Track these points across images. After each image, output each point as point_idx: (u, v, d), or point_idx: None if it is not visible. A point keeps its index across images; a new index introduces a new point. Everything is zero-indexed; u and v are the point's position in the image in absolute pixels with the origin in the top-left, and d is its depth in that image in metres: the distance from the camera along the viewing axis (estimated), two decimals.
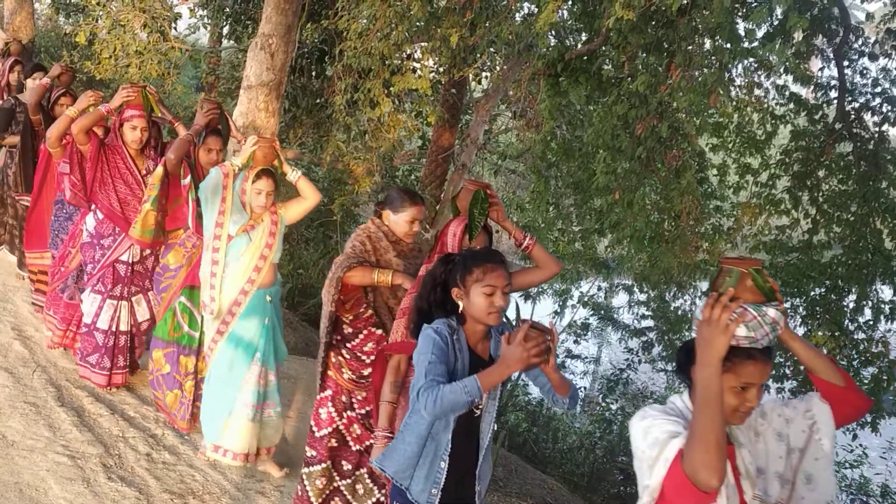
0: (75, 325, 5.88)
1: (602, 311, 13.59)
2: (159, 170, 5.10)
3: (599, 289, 14.16)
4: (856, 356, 8.43)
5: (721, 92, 6.90)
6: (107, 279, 5.44)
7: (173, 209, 5.30)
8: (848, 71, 8.67)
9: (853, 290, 8.57)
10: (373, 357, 4.10)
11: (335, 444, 4.26)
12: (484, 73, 11.08)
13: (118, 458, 4.77)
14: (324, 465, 4.24)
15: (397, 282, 3.95)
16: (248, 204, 4.62)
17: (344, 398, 4.26)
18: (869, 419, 8.37)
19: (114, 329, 5.49)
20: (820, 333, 8.10)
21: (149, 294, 5.63)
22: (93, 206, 5.45)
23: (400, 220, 4.04)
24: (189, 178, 5.02)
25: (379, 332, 4.18)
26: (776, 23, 7.62)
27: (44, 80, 6.71)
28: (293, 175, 4.68)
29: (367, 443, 4.22)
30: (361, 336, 4.20)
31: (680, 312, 11.84)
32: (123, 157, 5.42)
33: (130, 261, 5.51)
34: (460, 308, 2.97)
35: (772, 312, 2.33)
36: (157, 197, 5.12)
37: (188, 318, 5.12)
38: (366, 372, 4.19)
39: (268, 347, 4.79)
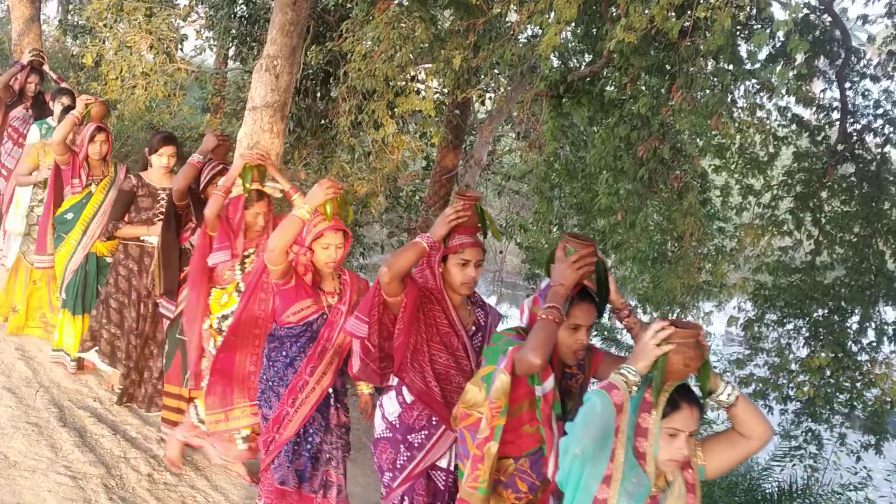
0: None
1: (605, 332, 13.54)
2: (503, 381, 3.07)
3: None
4: (859, 378, 8.42)
5: (723, 114, 6.94)
6: (417, 496, 3.67)
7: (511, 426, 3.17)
8: (850, 93, 8.71)
9: (856, 311, 8.58)
10: None
11: None
12: (487, 95, 11.15)
13: (120, 479, 4.77)
14: None
15: None
16: (652, 455, 2.68)
17: None
18: (873, 441, 8.35)
19: None
20: (823, 355, 8.10)
21: None
22: (392, 380, 3.74)
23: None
24: (551, 379, 3.17)
25: None
26: (778, 45, 7.68)
27: (194, 158, 5.10)
28: (730, 394, 2.72)
29: None
30: None
31: None
32: (446, 309, 3.64)
33: (450, 467, 3.70)
34: None
35: None
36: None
37: None
38: None
39: None
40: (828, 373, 8.19)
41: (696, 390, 2.74)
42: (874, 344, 8.50)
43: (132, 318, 5.69)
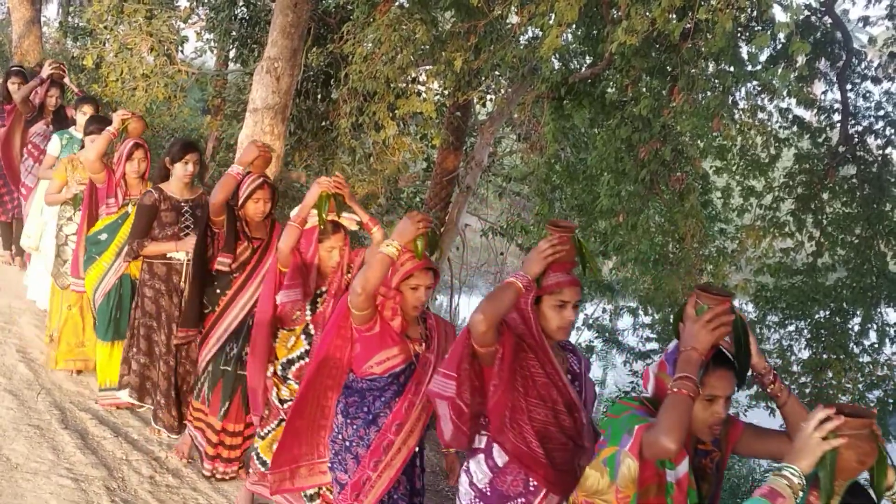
0: None
1: (607, 334, 13.55)
2: (631, 468, 2.60)
3: (604, 311, 14.13)
4: (861, 379, 8.43)
5: (724, 115, 6.95)
6: None
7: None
8: (851, 94, 8.73)
9: (858, 312, 8.59)
10: None
11: None
12: (488, 97, 11.15)
13: (122, 481, 4.76)
14: None
15: None
16: None
17: None
18: None
19: None
20: (825, 356, 8.10)
21: None
22: (479, 441, 3.22)
23: None
24: (686, 462, 2.60)
25: None
26: (779, 47, 7.68)
27: (233, 170, 4.59)
28: None
29: None
30: None
31: None
32: (543, 358, 3.09)
33: None
34: None
35: None
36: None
37: None
38: None
39: None
40: (830, 374, 8.20)
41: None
42: (876, 345, 8.51)
43: (163, 342, 5.23)
